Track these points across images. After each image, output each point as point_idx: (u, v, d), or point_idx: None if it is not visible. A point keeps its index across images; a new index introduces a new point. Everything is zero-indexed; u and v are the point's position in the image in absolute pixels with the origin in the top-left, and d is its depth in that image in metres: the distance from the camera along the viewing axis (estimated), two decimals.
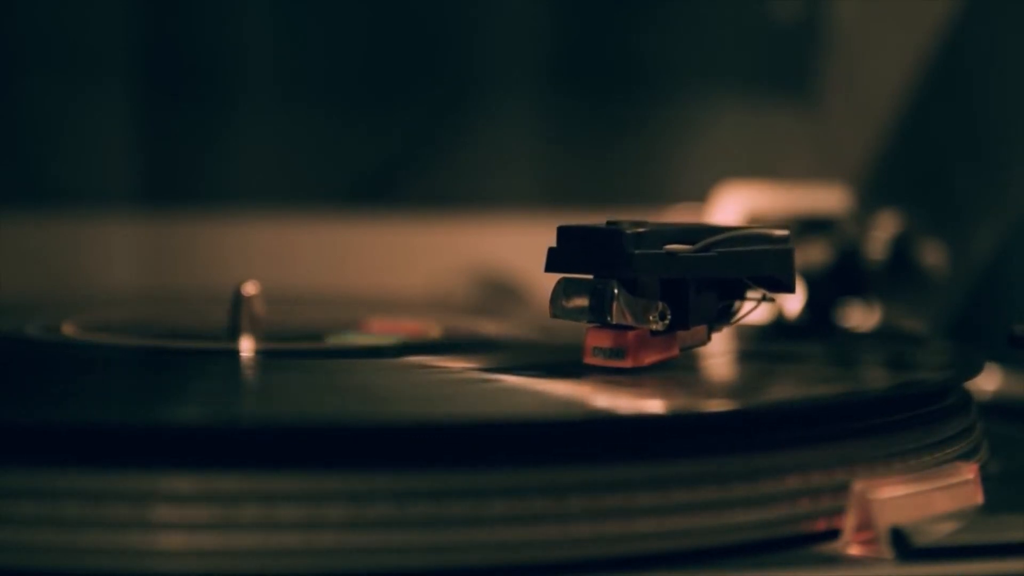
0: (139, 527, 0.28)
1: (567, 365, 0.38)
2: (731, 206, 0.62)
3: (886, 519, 0.31)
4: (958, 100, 0.69)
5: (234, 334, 0.44)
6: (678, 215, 0.68)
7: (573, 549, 0.30)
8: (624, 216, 0.38)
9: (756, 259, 0.38)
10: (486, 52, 0.74)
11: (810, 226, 0.59)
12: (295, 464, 0.29)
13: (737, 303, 0.39)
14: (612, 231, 0.36)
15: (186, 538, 0.28)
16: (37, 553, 0.28)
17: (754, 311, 0.39)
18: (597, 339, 0.37)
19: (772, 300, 0.39)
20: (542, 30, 0.74)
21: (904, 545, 0.31)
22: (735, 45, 0.76)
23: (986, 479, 0.35)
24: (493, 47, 0.74)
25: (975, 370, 0.40)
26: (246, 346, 0.44)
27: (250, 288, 0.45)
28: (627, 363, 0.37)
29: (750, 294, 0.39)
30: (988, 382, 0.50)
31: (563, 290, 0.37)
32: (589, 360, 0.37)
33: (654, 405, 0.34)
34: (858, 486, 0.32)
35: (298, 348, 0.45)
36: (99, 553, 0.28)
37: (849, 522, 0.32)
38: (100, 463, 0.29)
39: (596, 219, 0.38)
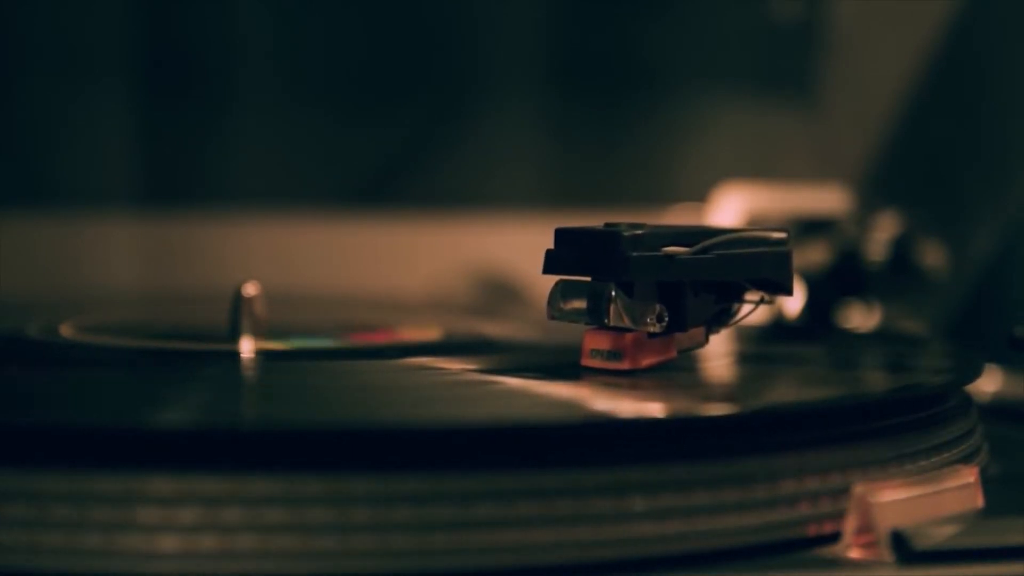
0: (133, 530, 0.28)
1: (565, 367, 0.38)
2: (731, 207, 0.62)
3: (887, 522, 0.31)
4: (958, 100, 0.69)
5: (234, 335, 0.44)
6: (678, 216, 0.68)
7: (571, 552, 0.30)
8: (624, 217, 0.38)
9: (754, 261, 0.38)
10: (486, 52, 0.74)
11: (810, 227, 0.59)
12: (291, 467, 0.29)
13: (735, 305, 0.39)
14: (609, 233, 0.36)
15: (180, 541, 0.28)
16: (35, 555, 0.28)
17: (752, 313, 0.39)
18: (595, 341, 0.37)
19: (770, 302, 0.39)
20: (542, 30, 0.74)
21: (905, 548, 0.31)
22: (735, 45, 0.76)
23: (987, 482, 0.35)
24: (493, 47, 0.74)
25: (975, 374, 0.40)
26: (246, 347, 0.43)
27: (250, 289, 0.45)
28: (625, 365, 0.37)
29: (748, 296, 0.39)
30: (988, 384, 0.50)
31: (560, 292, 0.37)
32: (587, 362, 0.37)
33: (652, 408, 0.34)
34: (858, 489, 0.32)
35: (298, 349, 0.45)
36: (105, 555, 0.28)
37: (850, 525, 0.32)
38: (91, 465, 0.29)
39: (596, 219, 0.38)
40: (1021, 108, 0.66)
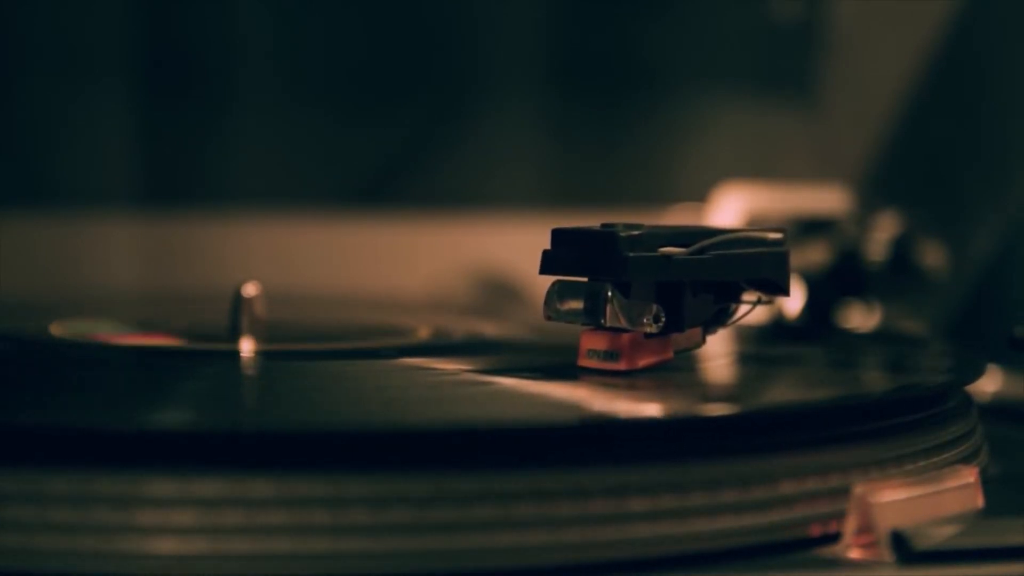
0: (131, 531, 0.28)
1: (562, 367, 0.38)
2: (731, 207, 0.62)
3: (887, 522, 0.31)
4: (958, 100, 0.69)
5: (234, 335, 0.44)
6: (678, 216, 0.68)
7: (570, 553, 0.30)
8: (624, 217, 0.38)
9: (751, 262, 0.38)
10: (486, 52, 0.74)
11: (810, 227, 0.59)
12: (288, 468, 0.29)
13: (733, 305, 0.39)
14: (607, 234, 0.36)
15: (177, 543, 0.28)
16: (33, 556, 0.28)
17: (749, 313, 0.39)
18: (592, 342, 0.37)
19: (768, 303, 0.39)
20: (542, 30, 0.74)
21: (905, 549, 0.31)
22: (735, 45, 0.76)
23: (987, 482, 0.35)
24: (493, 47, 0.74)
25: (975, 374, 0.40)
26: (246, 347, 0.43)
27: (250, 289, 0.45)
28: (621, 366, 0.37)
29: (746, 296, 0.39)
30: (988, 383, 0.50)
31: (557, 292, 0.37)
32: (584, 362, 0.37)
33: (650, 409, 0.34)
34: (858, 489, 0.32)
35: (298, 349, 0.45)
36: (97, 557, 0.28)
37: (850, 525, 0.32)
38: (89, 465, 0.29)
39: (596, 219, 0.38)
40: (1021, 108, 0.66)
